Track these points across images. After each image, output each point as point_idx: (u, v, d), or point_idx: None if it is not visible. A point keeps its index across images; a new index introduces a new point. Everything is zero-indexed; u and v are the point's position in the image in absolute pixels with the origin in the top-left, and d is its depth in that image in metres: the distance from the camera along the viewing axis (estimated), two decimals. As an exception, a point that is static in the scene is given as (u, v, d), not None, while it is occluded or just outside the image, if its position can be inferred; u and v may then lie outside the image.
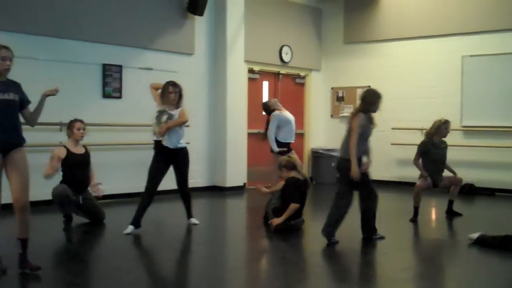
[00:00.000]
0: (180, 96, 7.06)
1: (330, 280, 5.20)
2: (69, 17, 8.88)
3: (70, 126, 7.37)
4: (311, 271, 5.46)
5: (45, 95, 5.31)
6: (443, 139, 8.25)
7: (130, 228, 6.69)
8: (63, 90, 8.76)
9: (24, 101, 5.12)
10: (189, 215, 7.39)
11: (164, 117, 6.91)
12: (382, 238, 6.49)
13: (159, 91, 7.12)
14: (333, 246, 6.15)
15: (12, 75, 5.93)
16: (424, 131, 8.62)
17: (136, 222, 6.76)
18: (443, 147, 8.26)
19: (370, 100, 6.48)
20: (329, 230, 6.29)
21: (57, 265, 5.48)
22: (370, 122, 6.43)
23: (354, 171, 6.09)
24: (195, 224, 7.26)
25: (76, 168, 7.25)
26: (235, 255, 6.16)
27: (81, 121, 7.36)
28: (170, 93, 6.93)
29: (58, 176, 7.24)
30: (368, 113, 6.41)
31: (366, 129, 6.34)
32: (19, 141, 5.00)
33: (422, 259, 6.08)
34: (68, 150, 7.27)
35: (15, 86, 5.06)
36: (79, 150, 7.39)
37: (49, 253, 5.82)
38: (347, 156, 6.20)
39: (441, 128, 8.17)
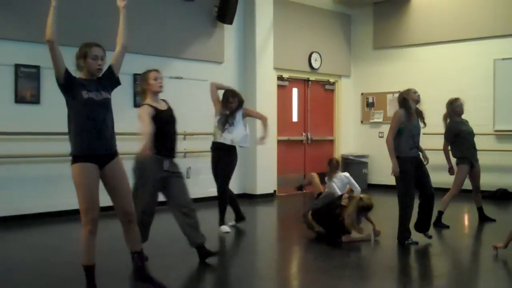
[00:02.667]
0: (239, 103, 7.65)
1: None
2: (99, 28, 8.96)
3: (144, 78, 6.05)
4: (343, 276, 5.44)
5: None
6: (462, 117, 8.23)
7: (226, 228, 7.35)
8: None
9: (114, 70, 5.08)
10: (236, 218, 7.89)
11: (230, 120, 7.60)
12: (415, 243, 6.45)
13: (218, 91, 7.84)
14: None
15: (45, 86, 6.02)
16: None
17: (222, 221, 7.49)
18: (468, 124, 8.27)
19: (403, 96, 6.81)
20: (407, 234, 6.47)
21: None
22: (410, 119, 6.60)
23: (392, 168, 6.43)
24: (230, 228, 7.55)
25: (168, 127, 5.92)
26: (266, 262, 6.16)
27: (156, 70, 6.11)
28: (230, 103, 7.54)
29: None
30: (408, 110, 6.61)
31: (406, 126, 6.58)
32: (115, 148, 4.62)
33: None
34: (153, 107, 5.88)
35: (105, 79, 4.86)
36: (163, 106, 6.02)
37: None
38: (399, 154, 6.49)
39: (453, 105, 8.18)
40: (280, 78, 11.83)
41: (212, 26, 10.57)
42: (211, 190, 10.16)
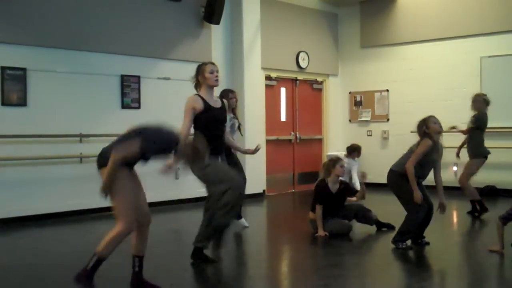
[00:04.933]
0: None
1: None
2: (87, 30, 8.97)
3: (200, 71, 5.77)
4: (336, 275, 5.45)
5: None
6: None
7: (245, 222, 7.64)
8: (82, 101, 8.94)
9: None
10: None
11: (237, 124, 7.62)
12: (427, 243, 6.44)
13: None
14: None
15: (32, 88, 6.03)
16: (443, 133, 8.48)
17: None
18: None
19: (424, 130, 6.40)
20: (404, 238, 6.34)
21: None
22: (432, 153, 6.27)
23: (414, 195, 6.11)
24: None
25: (216, 125, 5.65)
26: (256, 262, 6.16)
27: (212, 63, 5.86)
28: (231, 99, 7.46)
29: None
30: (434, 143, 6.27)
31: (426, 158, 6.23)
32: None
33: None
34: (203, 100, 5.64)
35: None
36: (216, 103, 5.75)
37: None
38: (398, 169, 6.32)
39: (486, 98, 8.65)
40: (268, 77, 11.83)
41: (199, 27, 10.55)
42: (200, 190, 10.16)
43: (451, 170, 11.37)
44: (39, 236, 7.54)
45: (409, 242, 6.31)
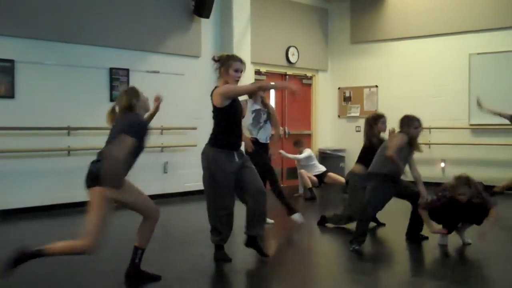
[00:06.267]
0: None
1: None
2: (76, 22, 8.92)
3: (226, 64, 5.53)
4: (317, 272, 5.46)
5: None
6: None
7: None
8: (71, 94, 8.90)
9: None
10: (289, 211, 7.57)
11: (264, 116, 7.55)
12: (426, 238, 6.48)
13: None
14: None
15: (20, 80, 5.96)
16: (430, 130, 8.54)
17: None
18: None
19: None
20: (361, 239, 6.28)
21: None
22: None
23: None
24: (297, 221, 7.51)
25: (237, 118, 5.61)
26: (244, 257, 6.16)
27: (241, 61, 5.61)
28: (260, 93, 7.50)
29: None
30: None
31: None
32: None
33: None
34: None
35: None
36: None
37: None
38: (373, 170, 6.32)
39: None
40: (257, 72, 11.82)
41: (189, 20, 10.51)
42: (188, 185, 10.20)
43: (438, 167, 11.45)
44: (25, 230, 7.50)
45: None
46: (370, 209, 6.21)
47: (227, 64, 5.46)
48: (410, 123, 6.25)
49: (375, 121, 7.38)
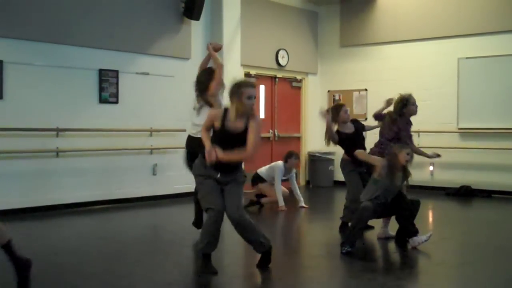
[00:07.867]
0: None
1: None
2: (65, 23, 8.88)
3: (237, 92, 5.13)
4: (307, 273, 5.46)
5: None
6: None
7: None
8: (59, 95, 8.86)
9: None
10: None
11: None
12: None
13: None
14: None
15: (8, 81, 5.95)
16: (419, 133, 8.61)
17: None
18: None
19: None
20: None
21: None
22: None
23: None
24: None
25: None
26: (232, 259, 6.15)
27: (253, 85, 5.25)
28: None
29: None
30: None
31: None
32: None
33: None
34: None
35: None
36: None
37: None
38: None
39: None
40: (247, 75, 11.82)
41: (179, 22, 10.50)
42: (177, 187, 10.17)
43: (427, 170, 11.49)
44: (13, 231, 7.39)
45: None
46: (366, 214, 6.22)
47: (239, 92, 5.07)
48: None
49: (336, 111, 7.76)
